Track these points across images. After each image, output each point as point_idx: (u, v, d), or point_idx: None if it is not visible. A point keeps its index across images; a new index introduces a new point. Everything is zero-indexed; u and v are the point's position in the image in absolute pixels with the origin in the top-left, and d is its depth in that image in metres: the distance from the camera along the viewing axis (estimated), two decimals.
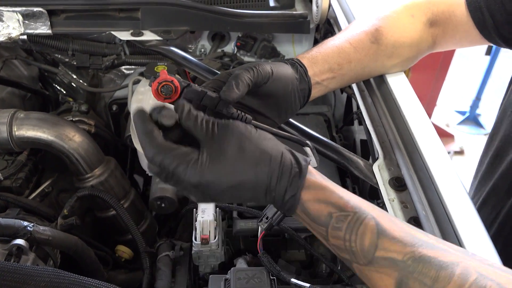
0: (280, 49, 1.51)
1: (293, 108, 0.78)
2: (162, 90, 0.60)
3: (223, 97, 0.64)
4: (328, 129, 1.30)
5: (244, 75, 0.67)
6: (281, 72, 0.74)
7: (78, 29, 1.24)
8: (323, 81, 0.86)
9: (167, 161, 0.56)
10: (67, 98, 1.65)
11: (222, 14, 1.28)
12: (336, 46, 0.88)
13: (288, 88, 0.75)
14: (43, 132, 1.14)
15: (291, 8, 1.47)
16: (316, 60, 0.85)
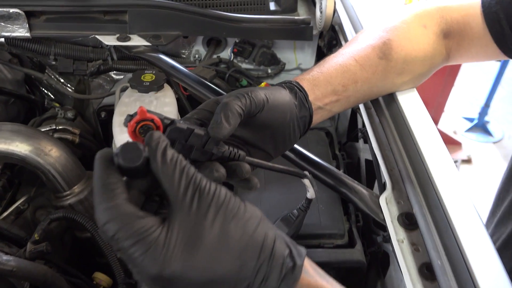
0: (280, 56, 1.41)
1: (291, 138, 0.68)
2: (140, 131, 0.49)
3: (212, 134, 0.55)
4: (330, 145, 1.19)
5: (234, 105, 0.57)
6: (278, 99, 0.64)
7: (59, 32, 1.14)
8: (326, 105, 0.75)
9: (121, 234, 0.41)
10: (53, 103, 1.55)
11: (218, 18, 1.17)
12: (340, 64, 0.77)
13: (286, 117, 0.66)
14: (16, 146, 1.04)
15: (293, 13, 1.36)
16: (318, 81, 0.74)
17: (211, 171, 0.57)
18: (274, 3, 1.35)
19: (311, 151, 1.12)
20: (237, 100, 0.58)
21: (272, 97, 0.64)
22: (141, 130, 0.50)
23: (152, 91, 1.09)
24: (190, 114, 0.62)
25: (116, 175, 0.45)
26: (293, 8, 1.34)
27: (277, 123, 0.65)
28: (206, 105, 0.63)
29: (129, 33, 1.15)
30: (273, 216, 0.97)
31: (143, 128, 0.50)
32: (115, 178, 0.45)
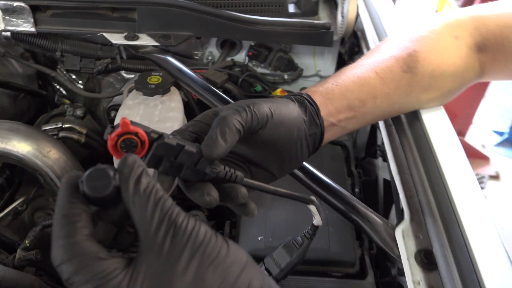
0: (298, 62, 1.33)
1: (298, 158, 0.61)
2: (122, 145, 0.43)
3: (205, 153, 0.48)
4: (346, 161, 1.10)
5: (233, 119, 0.50)
6: (284, 114, 0.57)
7: (66, 29, 1.09)
8: (340, 122, 0.67)
9: (77, 278, 0.36)
10: (63, 100, 1.51)
11: (232, 19, 1.10)
12: (358, 76, 0.69)
13: (293, 135, 0.58)
14: (13, 146, 0.99)
15: (314, 16, 1.27)
16: (332, 95, 0.66)
17: (202, 194, 0.51)
18: (293, 6, 1.27)
19: (324, 167, 1.04)
20: (236, 114, 0.51)
21: (277, 112, 0.56)
22: (123, 144, 0.44)
23: (158, 95, 1.03)
24: (185, 126, 0.55)
25: (80, 205, 0.39)
26: (314, 11, 1.26)
27: (282, 141, 0.58)
28: (204, 117, 0.56)
29: (138, 31, 1.09)
30: (279, 238, 0.89)
31: (125, 143, 0.44)
32: (78, 209, 0.39)
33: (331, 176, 1.02)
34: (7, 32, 1.10)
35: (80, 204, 0.39)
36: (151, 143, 0.46)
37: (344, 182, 1.01)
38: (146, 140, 0.45)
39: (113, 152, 0.44)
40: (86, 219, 0.39)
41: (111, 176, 0.39)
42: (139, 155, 0.45)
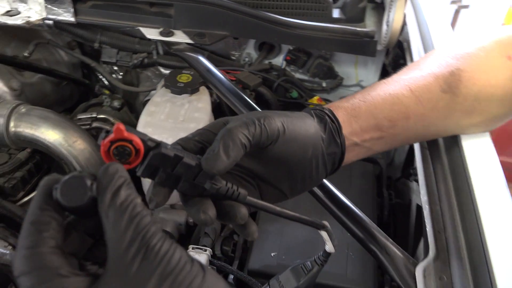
0: (338, 70, 1.26)
1: (313, 178, 0.56)
2: (115, 152, 0.40)
3: (204, 167, 0.45)
4: (378, 180, 1.03)
5: (239, 133, 0.46)
6: (298, 130, 0.52)
7: (104, 20, 1.09)
8: (364, 142, 0.61)
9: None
10: (103, 90, 1.53)
11: (270, 21, 1.06)
12: (390, 93, 0.62)
13: (307, 153, 0.53)
14: (41, 133, 1.00)
15: (359, 23, 1.20)
16: (358, 112, 0.60)
17: (198, 211, 0.47)
18: (339, 11, 1.20)
19: (352, 185, 0.97)
20: (243, 128, 0.47)
21: (290, 127, 0.52)
22: (116, 151, 0.41)
23: (186, 94, 1.00)
24: (192, 135, 0.51)
25: (51, 212, 0.36)
26: (360, 18, 1.19)
27: (295, 159, 0.53)
28: (213, 126, 0.52)
29: (174, 28, 1.07)
30: (293, 256, 0.84)
31: (118, 150, 0.41)
32: (48, 217, 0.36)
33: (358, 195, 0.96)
34: (50, 20, 1.11)
35: (51, 212, 0.36)
36: (147, 152, 0.43)
37: (372, 203, 0.94)
38: (141, 148, 0.42)
39: (106, 159, 0.41)
40: (55, 228, 0.36)
41: (88, 186, 0.36)
42: (133, 163, 0.42)
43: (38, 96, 1.38)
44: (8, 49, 1.35)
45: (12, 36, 1.36)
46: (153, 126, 0.93)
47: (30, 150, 1.12)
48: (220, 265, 0.83)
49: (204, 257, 0.81)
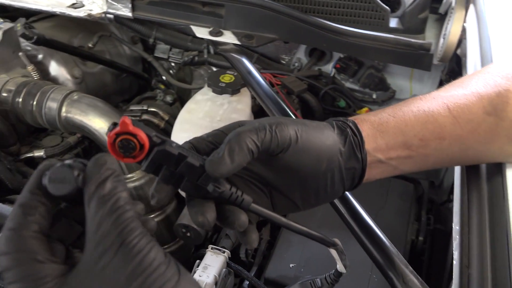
0: (391, 82, 1.20)
1: (328, 192, 0.52)
2: (120, 145, 0.41)
3: (207, 169, 0.44)
4: (418, 202, 0.96)
5: (247, 138, 0.45)
6: (313, 140, 0.49)
7: (159, 17, 1.12)
8: (390, 160, 0.56)
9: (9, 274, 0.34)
10: (159, 84, 1.58)
11: (319, 27, 1.03)
12: (425, 110, 0.57)
13: (321, 165, 0.50)
14: (89, 120, 1.05)
15: (419, 35, 1.14)
16: (386, 127, 0.56)
17: (196, 212, 0.46)
18: (397, 20, 1.14)
19: (387, 204, 0.92)
20: (252, 133, 0.46)
21: (304, 137, 0.49)
22: (121, 144, 0.41)
23: (226, 94, 1.01)
24: (206, 135, 0.51)
25: (40, 197, 0.37)
26: (419, 29, 1.12)
27: (307, 170, 0.50)
28: (228, 128, 0.51)
29: (224, 28, 1.08)
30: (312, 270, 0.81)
31: (123, 143, 0.41)
32: (36, 201, 0.37)
33: (393, 215, 0.90)
34: (111, 15, 1.17)
35: (40, 197, 0.37)
36: (152, 148, 0.43)
37: (406, 226, 0.88)
38: (146, 143, 0.42)
39: (111, 151, 0.41)
40: (42, 213, 0.37)
41: (74, 176, 0.37)
42: (137, 158, 0.42)
43: (98, 85, 1.46)
44: (76, 39, 1.44)
45: (80, 28, 1.46)
46: (189, 123, 0.94)
47: (80, 136, 1.18)
48: (237, 269, 0.82)
49: (221, 259, 0.81)
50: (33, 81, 1.14)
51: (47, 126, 1.11)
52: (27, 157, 1.11)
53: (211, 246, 0.83)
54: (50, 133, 1.20)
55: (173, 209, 1.16)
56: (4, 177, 0.98)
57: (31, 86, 1.11)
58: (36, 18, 1.40)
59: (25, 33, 1.12)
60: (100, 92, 1.47)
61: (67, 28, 1.42)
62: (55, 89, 1.10)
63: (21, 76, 1.18)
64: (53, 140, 1.17)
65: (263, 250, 0.88)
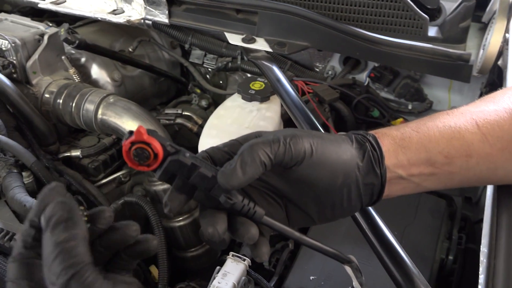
0: (428, 93, 1.16)
1: (344, 207, 0.52)
2: (135, 154, 0.42)
3: (219, 180, 0.44)
4: (450, 220, 0.92)
5: (259, 149, 0.45)
6: (329, 154, 0.49)
7: (194, 23, 1.14)
8: (411, 177, 0.54)
9: None
10: (195, 89, 1.61)
11: (352, 35, 1.01)
12: (451, 126, 0.55)
13: (336, 180, 0.49)
14: (122, 123, 1.09)
15: (459, 44, 1.09)
16: (408, 142, 0.54)
17: (207, 223, 0.46)
18: (436, 29, 1.10)
19: (416, 220, 0.89)
20: (266, 145, 0.45)
21: (320, 151, 0.48)
22: (135, 153, 0.42)
23: (256, 101, 1.01)
24: (223, 145, 0.52)
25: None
26: (460, 39, 1.07)
27: (322, 185, 0.49)
28: (244, 138, 0.51)
29: (256, 35, 1.08)
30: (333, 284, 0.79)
31: (137, 152, 0.42)
32: None
33: (421, 232, 0.87)
34: (149, 21, 1.20)
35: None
36: (166, 157, 0.44)
37: (435, 244, 0.84)
38: (159, 153, 0.43)
39: (126, 159, 0.43)
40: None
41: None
42: (151, 166, 0.44)
43: (136, 89, 1.51)
44: (117, 44, 1.49)
45: (122, 33, 1.51)
46: (217, 129, 0.95)
47: (115, 137, 1.22)
48: (257, 278, 0.81)
49: (241, 267, 0.81)
50: (74, 83, 1.20)
51: (84, 127, 1.16)
52: (64, 156, 1.16)
53: (232, 253, 0.83)
54: (87, 134, 1.25)
55: None
56: (42, 175, 1.03)
57: (71, 88, 1.16)
58: (81, 23, 1.46)
59: (67, 38, 1.17)
60: (139, 95, 1.51)
61: (109, 32, 1.48)
62: (93, 91, 1.14)
63: (63, 78, 1.23)
64: (90, 140, 1.21)
65: (285, 260, 0.87)
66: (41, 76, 1.21)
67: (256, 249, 0.49)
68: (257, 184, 0.52)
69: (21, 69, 1.18)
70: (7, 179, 0.99)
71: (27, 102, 1.12)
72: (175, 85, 1.69)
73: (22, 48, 1.16)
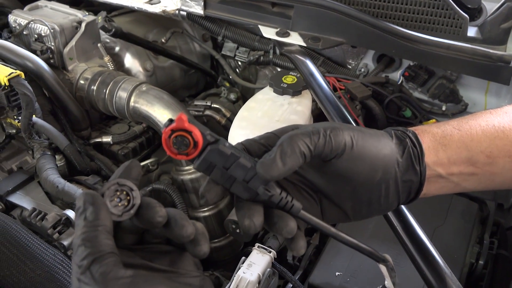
0: (464, 94, 1.13)
1: (381, 204, 0.50)
2: (174, 141, 0.42)
3: (258, 171, 0.44)
4: (482, 225, 0.90)
5: (299, 140, 0.44)
6: (369, 148, 0.48)
7: (228, 16, 1.15)
8: (451, 176, 0.53)
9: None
10: (224, 82, 1.62)
11: (389, 32, 0.99)
12: (494, 125, 0.53)
13: (375, 175, 0.48)
14: (153, 111, 1.10)
15: (499, 46, 1.06)
16: (450, 140, 0.53)
17: (243, 215, 0.45)
18: (476, 30, 1.07)
19: (446, 223, 0.87)
20: (305, 136, 0.45)
21: (360, 144, 0.47)
22: (175, 140, 0.42)
23: (287, 95, 1.00)
24: (258, 137, 0.50)
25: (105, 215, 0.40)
26: (500, 40, 1.04)
27: (360, 179, 0.48)
28: (281, 131, 0.50)
29: (291, 29, 1.08)
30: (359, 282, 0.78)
31: (177, 139, 0.42)
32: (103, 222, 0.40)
33: (451, 235, 0.85)
34: (184, 12, 1.21)
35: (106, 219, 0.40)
36: (205, 146, 0.43)
37: (466, 247, 0.82)
38: (200, 141, 0.42)
39: (165, 147, 0.42)
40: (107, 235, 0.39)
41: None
42: (190, 155, 0.43)
43: (167, 79, 1.52)
44: (151, 34, 1.51)
45: (155, 23, 1.53)
46: (247, 121, 0.95)
47: (145, 125, 1.24)
48: (282, 270, 0.81)
49: (267, 259, 0.81)
50: (108, 71, 1.22)
51: (116, 114, 1.18)
52: (95, 142, 1.18)
53: (257, 244, 0.83)
54: (118, 121, 1.27)
55: (226, 204, 1.18)
56: (74, 158, 1.05)
57: (105, 76, 1.18)
58: (117, 13, 1.49)
59: (104, 26, 1.20)
60: (169, 86, 1.53)
61: (143, 23, 1.50)
62: (126, 79, 1.16)
63: (98, 66, 1.26)
64: (121, 128, 1.23)
65: (310, 255, 0.86)
66: (77, 63, 1.23)
67: (293, 242, 0.48)
68: (293, 178, 0.51)
69: (58, 54, 1.21)
70: (41, 160, 1.01)
71: (63, 87, 1.15)
72: (204, 78, 1.70)
73: (60, 35, 1.19)
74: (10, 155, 1.12)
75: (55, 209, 0.93)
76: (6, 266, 0.71)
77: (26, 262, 0.71)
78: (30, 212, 0.89)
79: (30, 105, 1.01)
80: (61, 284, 0.71)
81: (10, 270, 0.71)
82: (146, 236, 0.44)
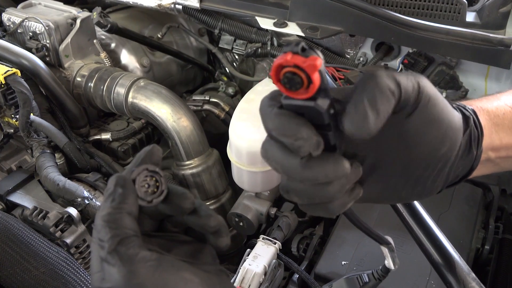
0: (464, 81, 1.13)
1: (427, 185, 0.42)
2: (285, 80, 0.33)
3: (349, 131, 0.34)
4: (486, 211, 0.89)
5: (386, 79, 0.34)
6: (447, 114, 0.39)
7: (225, 8, 1.14)
8: (498, 159, 0.47)
9: None
10: (222, 76, 1.61)
11: (388, 19, 0.99)
12: None
13: (442, 148, 0.40)
14: (153, 106, 1.09)
15: (498, 30, 1.05)
16: (503, 119, 0.46)
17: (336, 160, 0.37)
18: (475, 14, 1.07)
19: (451, 208, 0.87)
20: (389, 73, 0.35)
21: (442, 103, 0.39)
22: (285, 78, 0.33)
23: None
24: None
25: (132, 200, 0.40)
26: (500, 24, 1.03)
27: (426, 150, 0.39)
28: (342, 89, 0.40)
29: (288, 19, 1.07)
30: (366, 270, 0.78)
31: (287, 77, 0.33)
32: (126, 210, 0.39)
33: (456, 220, 0.85)
34: (179, 5, 1.20)
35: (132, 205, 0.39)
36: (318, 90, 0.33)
37: (471, 233, 0.82)
38: (317, 83, 0.32)
39: (275, 80, 0.34)
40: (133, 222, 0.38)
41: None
42: (300, 95, 0.34)
43: (164, 75, 1.51)
44: (146, 30, 1.50)
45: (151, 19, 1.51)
46: (247, 113, 0.94)
47: (144, 122, 1.23)
48: (287, 261, 0.81)
49: (272, 250, 0.80)
50: (105, 67, 1.21)
51: (114, 110, 1.17)
52: (95, 139, 1.17)
53: (262, 236, 0.82)
54: (117, 118, 1.26)
55: (228, 198, 1.17)
56: (74, 156, 1.04)
57: (102, 72, 1.17)
58: (111, 10, 1.47)
59: (100, 21, 1.18)
60: (166, 82, 1.51)
61: (138, 19, 1.49)
62: (124, 75, 1.15)
63: (94, 62, 1.25)
64: (120, 124, 1.22)
65: (314, 245, 0.86)
66: (73, 60, 1.22)
67: None
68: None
69: (54, 52, 1.19)
70: (41, 159, 1.00)
71: (59, 85, 1.14)
72: (201, 73, 1.69)
73: (55, 32, 1.17)
74: (9, 155, 1.11)
75: (57, 207, 0.92)
76: (10, 264, 0.70)
77: (29, 260, 0.71)
78: (32, 211, 0.88)
79: (27, 103, 0.99)
80: (65, 282, 0.70)
81: (14, 269, 0.70)
82: (166, 224, 0.43)
